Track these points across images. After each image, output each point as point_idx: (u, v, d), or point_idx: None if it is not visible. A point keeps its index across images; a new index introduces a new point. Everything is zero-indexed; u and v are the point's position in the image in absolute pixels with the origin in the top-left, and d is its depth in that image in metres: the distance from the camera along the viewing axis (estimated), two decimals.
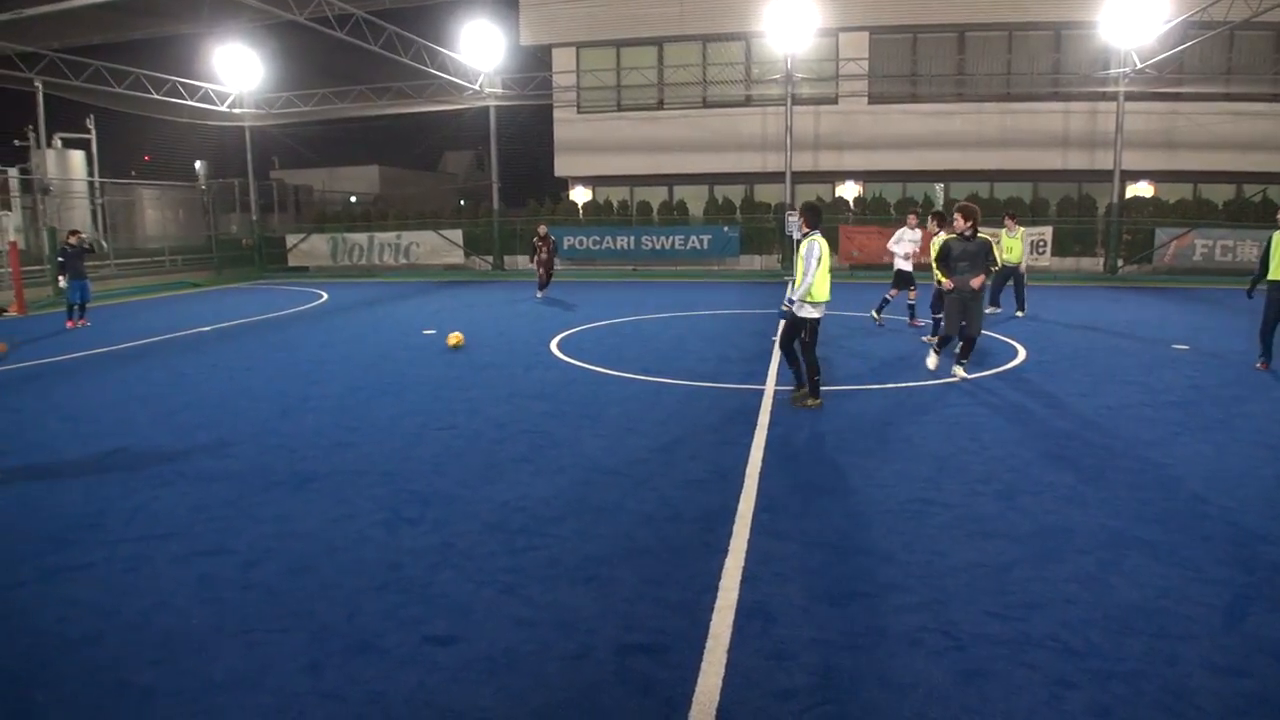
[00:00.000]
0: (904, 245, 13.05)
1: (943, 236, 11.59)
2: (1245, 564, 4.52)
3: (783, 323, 8.13)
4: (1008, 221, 14.74)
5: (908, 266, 13.08)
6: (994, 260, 9.05)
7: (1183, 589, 4.23)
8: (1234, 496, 5.59)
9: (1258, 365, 9.74)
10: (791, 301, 7.80)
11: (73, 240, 15.31)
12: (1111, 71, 23.25)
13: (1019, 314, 14.55)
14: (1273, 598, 4.13)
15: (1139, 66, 22.57)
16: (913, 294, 13.46)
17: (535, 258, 18.93)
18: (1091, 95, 24.36)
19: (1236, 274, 21.75)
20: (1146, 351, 11.19)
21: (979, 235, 9.05)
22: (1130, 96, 23.51)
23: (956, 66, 25.66)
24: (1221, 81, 24.18)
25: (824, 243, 7.76)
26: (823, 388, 8.15)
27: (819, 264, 7.62)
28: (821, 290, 7.76)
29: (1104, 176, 24.27)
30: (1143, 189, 25.55)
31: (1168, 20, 20.79)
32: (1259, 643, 3.71)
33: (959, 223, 9.00)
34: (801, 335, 7.93)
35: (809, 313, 7.80)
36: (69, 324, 14.85)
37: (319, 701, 3.36)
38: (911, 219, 13.23)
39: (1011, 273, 14.55)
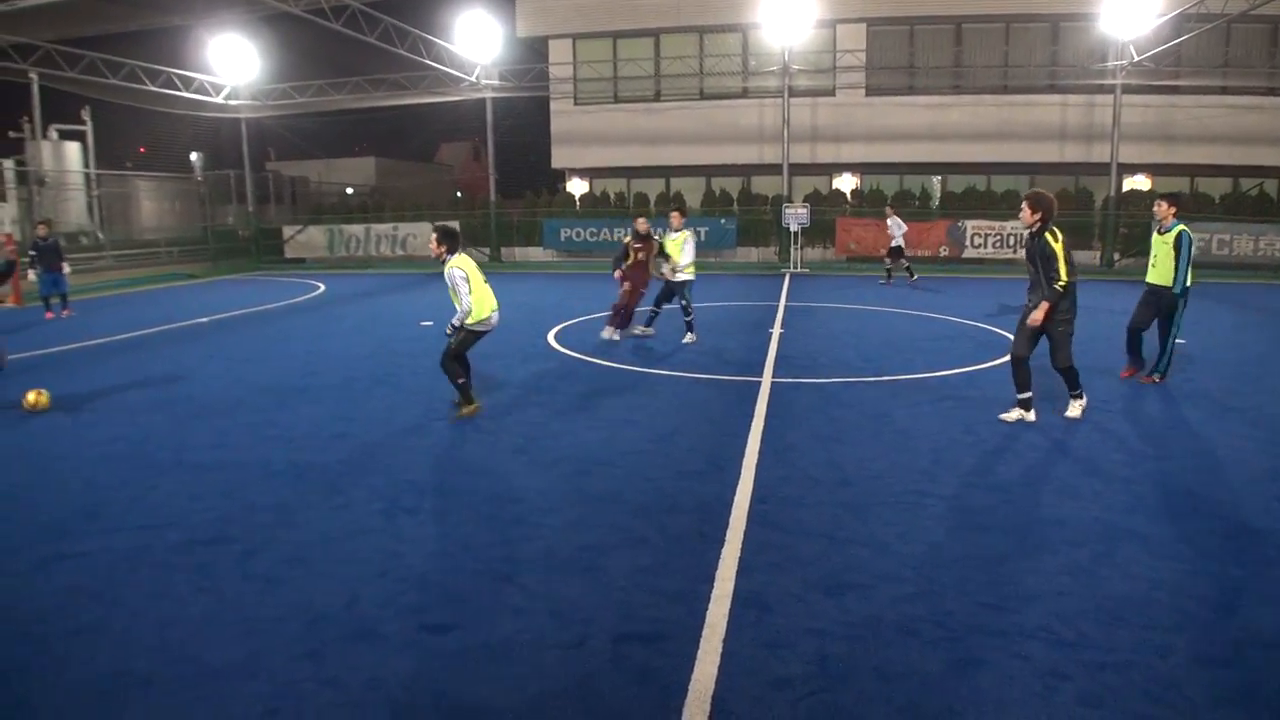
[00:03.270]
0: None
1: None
2: (1237, 557, 4.55)
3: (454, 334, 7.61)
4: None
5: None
6: (1056, 274, 6.95)
7: (1175, 581, 4.26)
8: (1227, 489, 5.63)
9: (1122, 374, 9.08)
10: (455, 326, 7.49)
11: (42, 232, 15.32)
12: (1109, 64, 23.27)
13: None
14: (1263, 591, 4.16)
15: (1136, 59, 22.60)
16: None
17: (622, 269, 11.35)
18: (1089, 88, 24.42)
19: (1233, 268, 21.85)
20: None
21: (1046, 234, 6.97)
22: (1127, 89, 23.54)
23: (954, 58, 25.67)
24: (1218, 74, 24.22)
25: (465, 261, 7.40)
26: (819, 380, 8.07)
27: (469, 287, 7.30)
28: (482, 309, 7.46)
29: (1101, 169, 24.31)
30: (1140, 182, 25.58)
31: (1165, 13, 20.82)
32: (1249, 635, 3.74)
33: (1025, 214, 7.07)
34: (451, 342, 7.58)
35: (475, 327, 7.54)
36: (48, 315, 14.89)
37: (318, 688, 3.39)
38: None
39: None
